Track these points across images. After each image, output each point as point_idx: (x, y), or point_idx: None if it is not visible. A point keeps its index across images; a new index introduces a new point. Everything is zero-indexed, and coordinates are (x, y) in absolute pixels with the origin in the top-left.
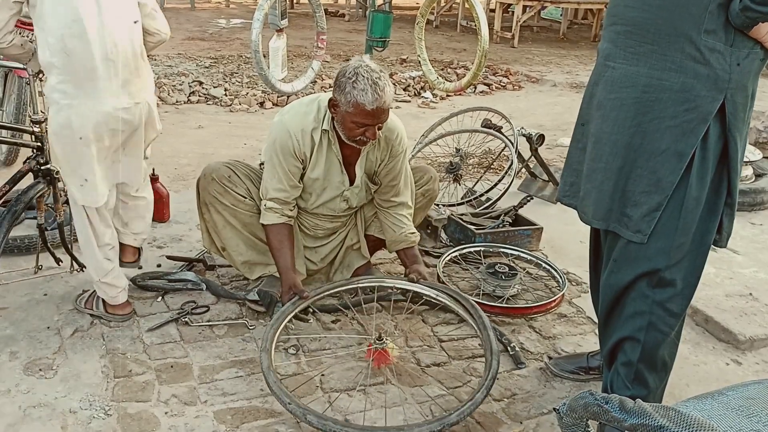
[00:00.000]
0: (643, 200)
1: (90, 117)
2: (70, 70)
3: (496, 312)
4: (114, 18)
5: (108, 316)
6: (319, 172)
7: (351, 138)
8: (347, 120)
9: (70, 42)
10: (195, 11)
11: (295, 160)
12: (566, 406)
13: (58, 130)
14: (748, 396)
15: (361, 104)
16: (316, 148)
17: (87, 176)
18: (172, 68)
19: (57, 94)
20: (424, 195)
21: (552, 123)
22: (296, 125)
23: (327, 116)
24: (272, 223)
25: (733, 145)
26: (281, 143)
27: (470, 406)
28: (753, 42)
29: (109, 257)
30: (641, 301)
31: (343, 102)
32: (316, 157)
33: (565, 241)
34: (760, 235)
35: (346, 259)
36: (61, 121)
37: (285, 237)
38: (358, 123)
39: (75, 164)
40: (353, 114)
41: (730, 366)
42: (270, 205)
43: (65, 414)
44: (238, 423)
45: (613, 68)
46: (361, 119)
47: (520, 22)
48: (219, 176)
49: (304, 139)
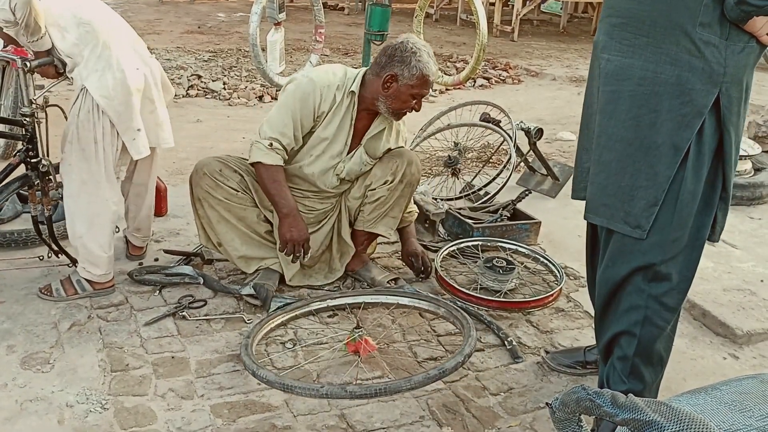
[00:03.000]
0: (640, 195)
1: (125, 71)
2: (92, 37)
3: (493, 306)
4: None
5: (97, 293)
6: (329, 133)
7: (399, 110)
8: (405, 93)
9: (81, 12)
10: (194, 4)
11: (310, 114)
12: (558, 401)
13: (106, 93)
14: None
15: (426, 75)
16: (335, 106)
17: (139, 125)
18: (170, 62)
19: (92, 63)
20: (401, 181)
21: (551, 117)
22: (323, 80)
23: (357, 80)
24: (274, 164)
25: (728, 138)
26: (303, 92)
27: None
28: (748, 36)
29: (114, 228)
30: (637, 295)
31: (406, 75)
32: (332, 115)
33: (563, 235)
34: (759, 230)
35: (340, 247)
36: (106, 83)
37: (284, 179)
38: (416, 94)
39: (127, 119)
40: (415, 86)
41: (727, 360)
42: (275, 144)
43: (62, 408)
44: (234, 417)
45: (608, 60)
46: (420, 90)
47: (519, 16)
48: (210, 171)
49: (327, 95)
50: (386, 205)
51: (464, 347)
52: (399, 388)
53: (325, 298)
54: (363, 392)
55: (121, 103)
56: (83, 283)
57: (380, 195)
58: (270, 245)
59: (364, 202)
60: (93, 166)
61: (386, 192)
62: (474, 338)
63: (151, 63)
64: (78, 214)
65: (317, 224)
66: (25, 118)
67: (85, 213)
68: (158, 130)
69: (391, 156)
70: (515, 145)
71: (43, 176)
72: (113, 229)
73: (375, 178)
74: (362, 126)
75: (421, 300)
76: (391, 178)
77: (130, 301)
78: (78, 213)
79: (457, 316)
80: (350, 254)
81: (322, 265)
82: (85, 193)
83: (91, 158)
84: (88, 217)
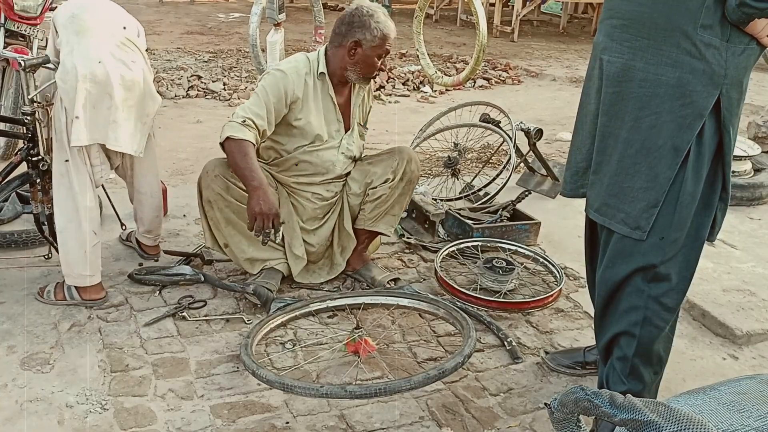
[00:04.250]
0: (641, 196)
1: (83, 59)
2: (73, 25)
3: (493, 307)
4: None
5: (85, 303)
6: (318, 119)
7: (368, 74)
8: (371, 55)
9: (77, 7)
10: (194, 5)
11: (282, 98)
12: (557, 401)
13: (62, 75)
14: (740, 391)
15: (386, 34)
16: (310, 93)
17: (78, 113)
18: (170, 62)
19: (64, 48)
20: (401, 179)
21: (551, 117)
22: (291, 69)
23: (321, 61)
24: (245, 139)
25: (727, 139)
26: (272, 82)
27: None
28: (749, 38)
29: (93, 228)
30: (636, 296)
31: (369, 38)
32: (313, 102)
33: (563, 236)
34: (759, 230)
35: (341, 241)
36: (65, 66)
37: (254, 155)
38: (380, 54)
39: (70, 103)
40: (378, 46)
41: (726, 361)
42: (248, 122)
43: (62, 408)
44: (234, 417)
45: (609, 62)
46: (386, 48)
47: (519, 16)
48: (222, 172)
49: (298, 81)
50: (387, 204)
51: (464, 348)
52: (399, 388)
53: (325, 299)
54: (363, 392)
55: (71, 87)
56: (72, 290)
57: (381, 193)
58: (277, 248)
59: (365, 200)
60: (64, 155)
61: (387, 190)
62: (474, 339)
63: (130, 64)
64: (59, 206)
65: (322, 219)
66: (26, 117)
67: (63, 206)
68: (110, 129)
69: (392, 154)
70: (515, 146)
71: (44, 174)
72: (90, 227)
73: (376, 176)
74: (344, 100)
75: (421, 301)
76: (392, 176)
77: (129, 302)
78: (58, 206)
79: (456, 316)
80: (351, 248)
81: (325, 261)
82: (62, 186)
83: (63, 148)
84: (66, 211)
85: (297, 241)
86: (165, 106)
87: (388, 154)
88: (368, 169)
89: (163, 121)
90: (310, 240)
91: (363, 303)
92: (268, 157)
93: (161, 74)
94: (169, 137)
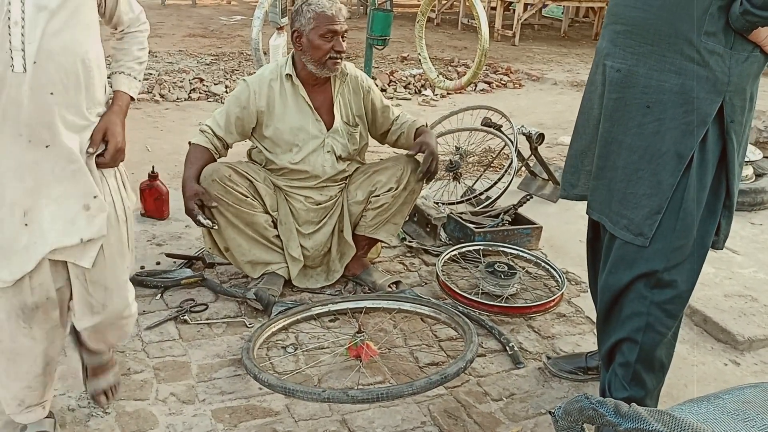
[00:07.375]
0: (644, 203)
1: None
2: None
3: (494, 311)
4: None
5: None
6: (292, 122)
7: (323, 59)
8: (315, 38)
9: None
10: (196, 8)
11: (242, 111)
12: (561, 409)
13: None
14: (745, 399)
15: (321, 12)
16: (277, 97)
17: None
18: (172, 65)
19: None
20: (405, 189)
21: (552, 121)
22: (254, 79)
23: (288, 64)
24: (199, 144)
25: (731, 147)
26: (236, 93)
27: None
28: (752, 45)
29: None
30: (639, 302)
31: (304, 22)
32: (282, 107)
33: (565, 240)
34: (760, 235)
35: (340, 248)
36: None
37: (202, 158)
38: (324, 35)
39: None
40: (318, 27)
41: (728, 366)
42: (205, 129)
43: (64, 412)
44: (236, 422)
45: (612, 68)
46: (326, 27)
47: (521, 20)
48: (220, 177)
49: (261, 90)
50: (389, 212)
51: (466, 352)
52: (401, 393)
53: (327, 303)
54: (365, 396)
55: None
56: None
57: (384, 202)
58: (277, 250)
59: (367, 207)
60: None
61: (390, 199)
62: (476, 343)
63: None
64: None
65: (319, 223)
66: None
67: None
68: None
69: (397, 162)
70: (516, 150)
71: None
72: None
73: (380, 184)
74: (324, 98)
75: (423, 305)
76: (396, 185)
77: None
78: None
79: (458, 321)
80: (350, 255)
81: (323, 267)
82: None
83: None
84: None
85: (294, 242)
86: (167, 109)
87: (393, 161)
88: (372, 177)
89: (165, 124)
90: (305, 244)
91: (365, 307)
92: (261, 161)
93: (163, 77)
94: (171, 140)
